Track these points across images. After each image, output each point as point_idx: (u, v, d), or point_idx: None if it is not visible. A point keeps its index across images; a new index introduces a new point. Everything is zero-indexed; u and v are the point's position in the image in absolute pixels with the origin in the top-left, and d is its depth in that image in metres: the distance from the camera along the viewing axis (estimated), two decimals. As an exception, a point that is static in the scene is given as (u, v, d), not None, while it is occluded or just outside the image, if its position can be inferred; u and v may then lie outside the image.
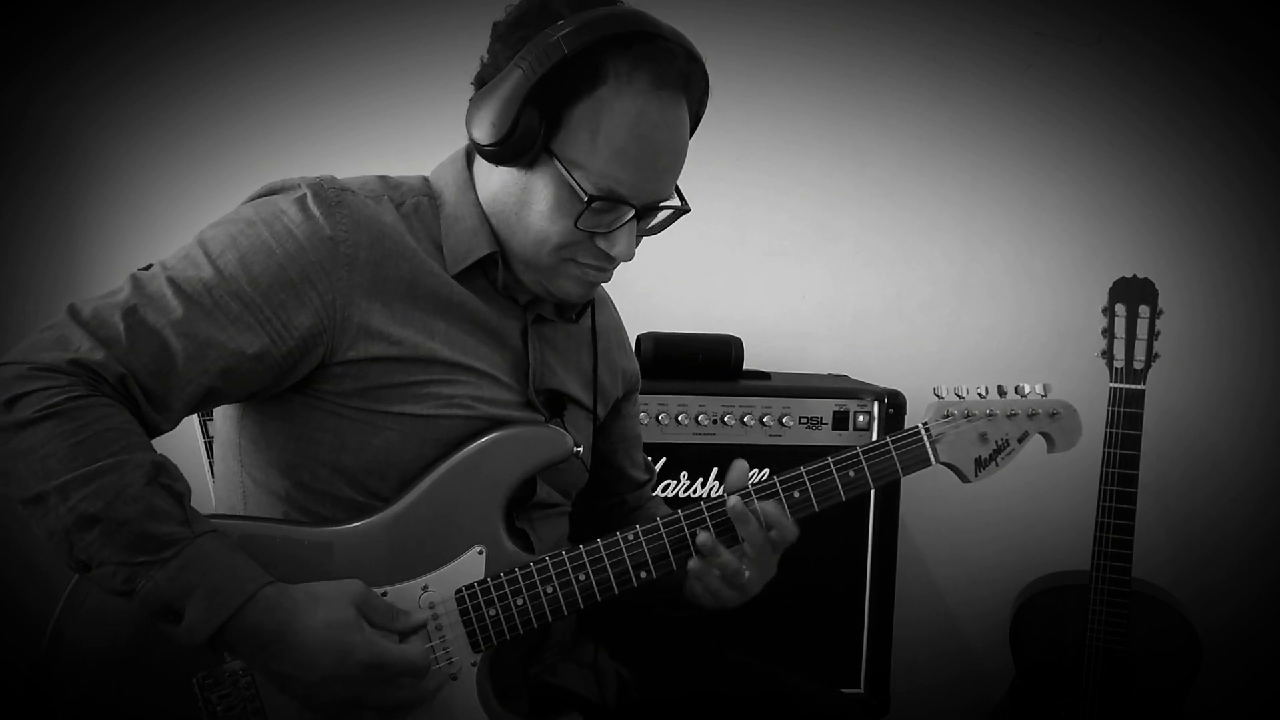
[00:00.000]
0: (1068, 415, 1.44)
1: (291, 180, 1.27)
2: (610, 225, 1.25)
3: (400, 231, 1.27)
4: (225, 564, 1.12)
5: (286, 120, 2.39)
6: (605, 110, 1.20)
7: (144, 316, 1.15)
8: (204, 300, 1.17)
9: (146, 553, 1.09)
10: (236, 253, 1.20)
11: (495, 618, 1.25)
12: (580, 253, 1.27)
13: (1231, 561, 2.60)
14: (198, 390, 1.18)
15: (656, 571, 1.29)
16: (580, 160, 1.21)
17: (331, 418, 1.25)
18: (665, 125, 1.22)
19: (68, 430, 1.09)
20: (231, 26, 2.37)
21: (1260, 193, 2.55)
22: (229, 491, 1.34)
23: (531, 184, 1.25)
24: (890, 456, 1.37)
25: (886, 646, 2.12)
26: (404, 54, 2.41)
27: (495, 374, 1.32)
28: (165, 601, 1.10)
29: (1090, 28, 2.50)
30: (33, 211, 2.34)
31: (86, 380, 1.12)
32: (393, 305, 1.25)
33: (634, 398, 1.60)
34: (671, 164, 1.26)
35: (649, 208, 1.27)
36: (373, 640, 1.15)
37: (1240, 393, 2.57)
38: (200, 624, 1.10)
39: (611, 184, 1.22)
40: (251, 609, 1.11)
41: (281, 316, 1.19)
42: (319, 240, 1.22)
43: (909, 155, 2.55)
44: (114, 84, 2.34)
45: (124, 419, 1.13)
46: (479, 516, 1.26)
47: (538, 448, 1.29)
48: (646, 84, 1.20)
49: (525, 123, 1.19)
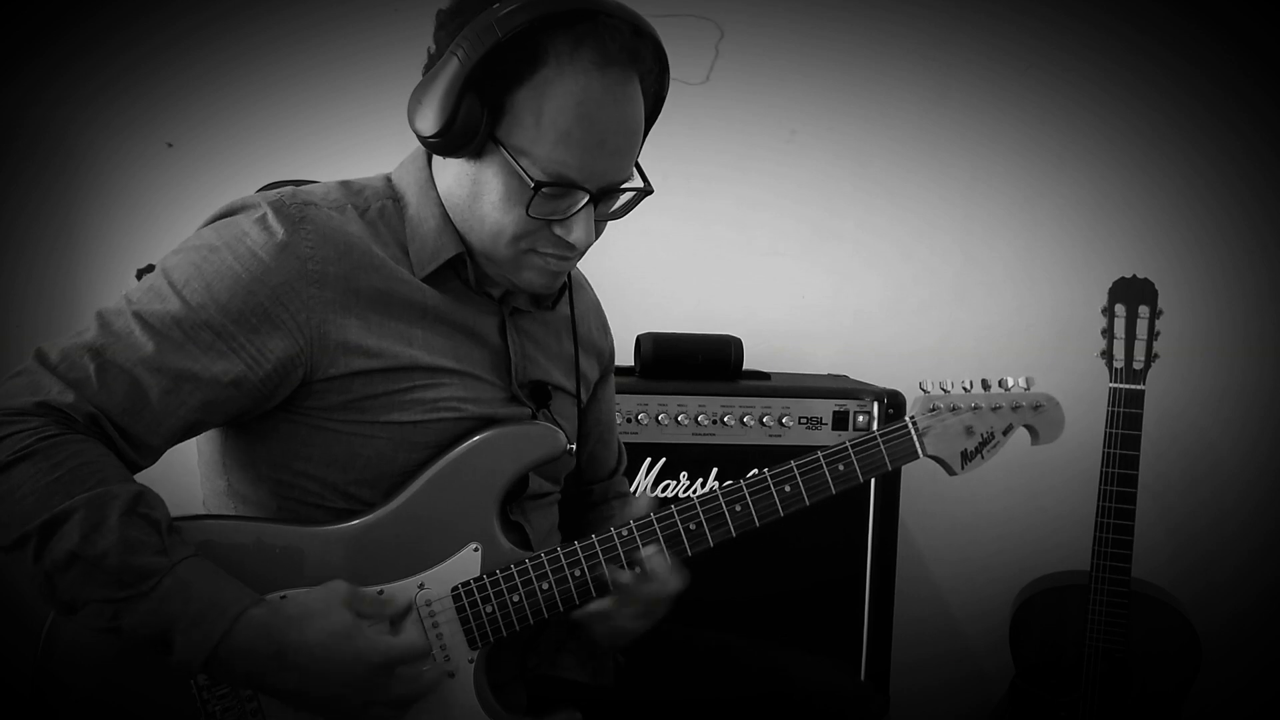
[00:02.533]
0: (1051, 407, 1.46)
1: (251, 198, 1.24)
2: (566, 212, 1.22)
3: (367, 241, 1.25)
4: (206, 590, 1.10)
5: (286, 120, 2.38)
6: (548, 92, 1.16)
7: (112, 357, 1.14)
8: (174, 334, 1.15)
9: (127, 586, 1.07)
10: (202, 281, 1.18)
11: (492, 614, 1.25)
12: (539, 242, 1.24)
13: (1232, 561, 2.60)
14: (178, 424, 1.16)
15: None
16: (525, 146, 1.18)
17: (318, 433, 1.24)
18: (612, 103, 1.18)
19: (42, 469, 1.07)
20: (231, 26, 2.37)
21: (1260, 192, 2.55)
22: (220, 509, 1.33)
23: (481, 175, 1.22)
24: (879, 450, 1.38)
25: (886, 646, 2.12)
26: (404, 54, 2.39)
27: (477, 373, 1.31)
28: (152, 633, 1.08)
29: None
30: (33, 211, 2.34)
31: (57, 420, 1.11)
32: (367, 317, 1.23)
33: (609, 379, 1.58)
34: (623, 144, 1.22)
35: (605, 191, 1.23)
36: (375, 640, 1.14)
37: (1240, 393, 2.57)
38: (190, 652, 1.08)
39: (559, 168, 1.18)
40: (241, 632, 1.10)
41: (255, 342, 1.17)
42: (285, 259, 1.19)
43: (909, 155, 2.55)
44: (114, 84, 2.34)
45: (98, 452, 1.11)
46: (473, 514, 1.26)
47: (531, 445, 1.29)
48: (589, 62, 1.16)
49: (466, 111, 1.16)
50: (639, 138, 1.25)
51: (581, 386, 1.46)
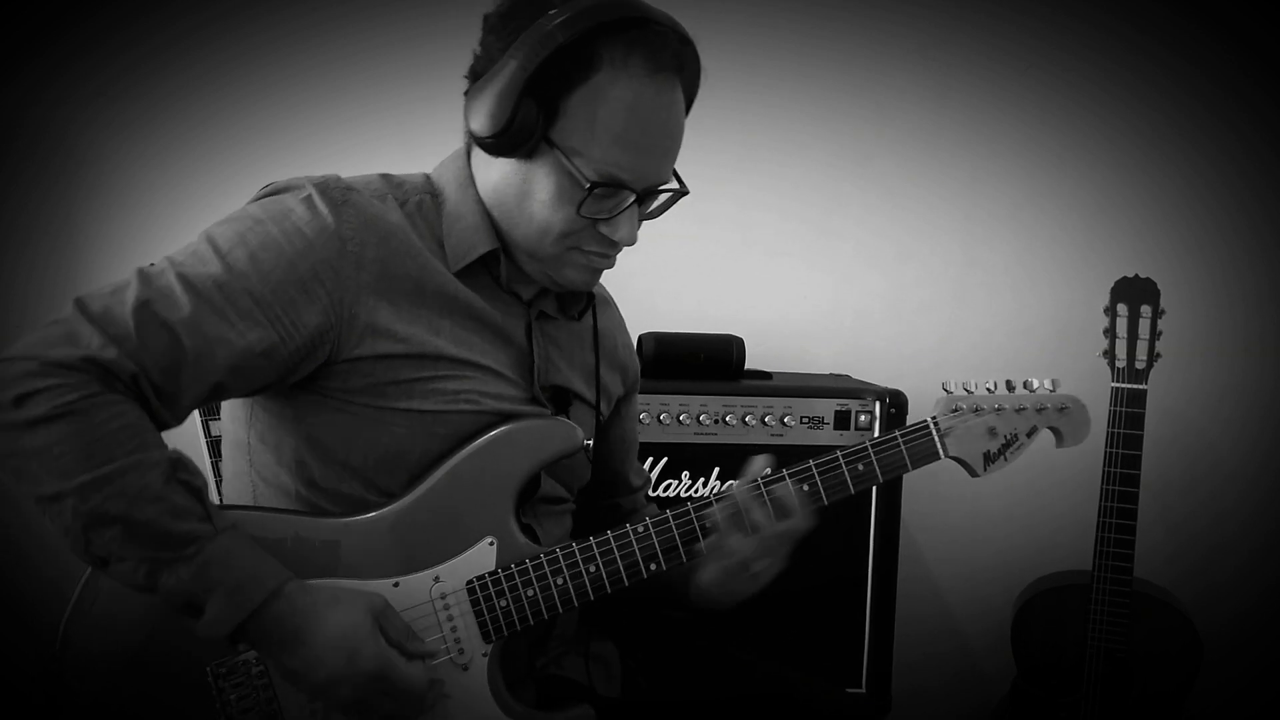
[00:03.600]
0: (1076, 410, 1.44)
1: (297, 180, 1.27)
2: (612, 211, 1.25)
3: (405, 230, 1.27)
4: (248, 561, 1.13)
5: (286, 120, 2.39)
6: (602, 97, 1.20)
7: (155, 313, 1.14)
8: (214, 297, 1.17)
9: (169, 549, 1.09)
10: (246, 249, 1.19)
11: (506, 608, 1.26)
12: (584, 240, 1.27)
13: (1233, 561, 2.60)
14: (204, 388, 1.17)
15: (666, 563, 1.30)
16: (580, 148, 1.22)
17: (340, 415, 1.25)
18: (662, 108, 1.23)
19: (83, 428, 1.08)
20: (231, 26, 2.37)
21: (1261, 192, 2.55)
22: (238, 492, 1.34)
23: (532, 174, 1.25)
24: (899, 450, 1.37)
25: (888, 646, 2.12)
26: (404, 54, 2.40)
27: (500, 370, 1.32)
28: (187, 598, 1.10)
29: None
30: (33, 212, 2.34)
31: (99, 377, 1.11)
32: (399, 303, 1.25)
33: (633, 398, 1.60)
34: (669, 146, 1.27)
35: (649, 191, 1.27)
36: (383, 651, 1.15)
37: (1241, 393, 2.57)
38: (222, 620, 1.11)
39: (613, 169, 1.22)
40: (273, 605, 1.12)
41: (291, 314, 1.19)
42: (327, 238, 1.22)
43: (910, 155, 2.55)
44: (114, 84, 2.34)
45: (137, 415, 1.12)
46: (490, 508, 1.27)
47: (549, 440, 1.30)
48: (641, 68, 1.20)
49: (523, 113, 1.20)
50: (680, 140, 1.29)
51: (602, 399, 1.47)
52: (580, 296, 1.43)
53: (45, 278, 2.33)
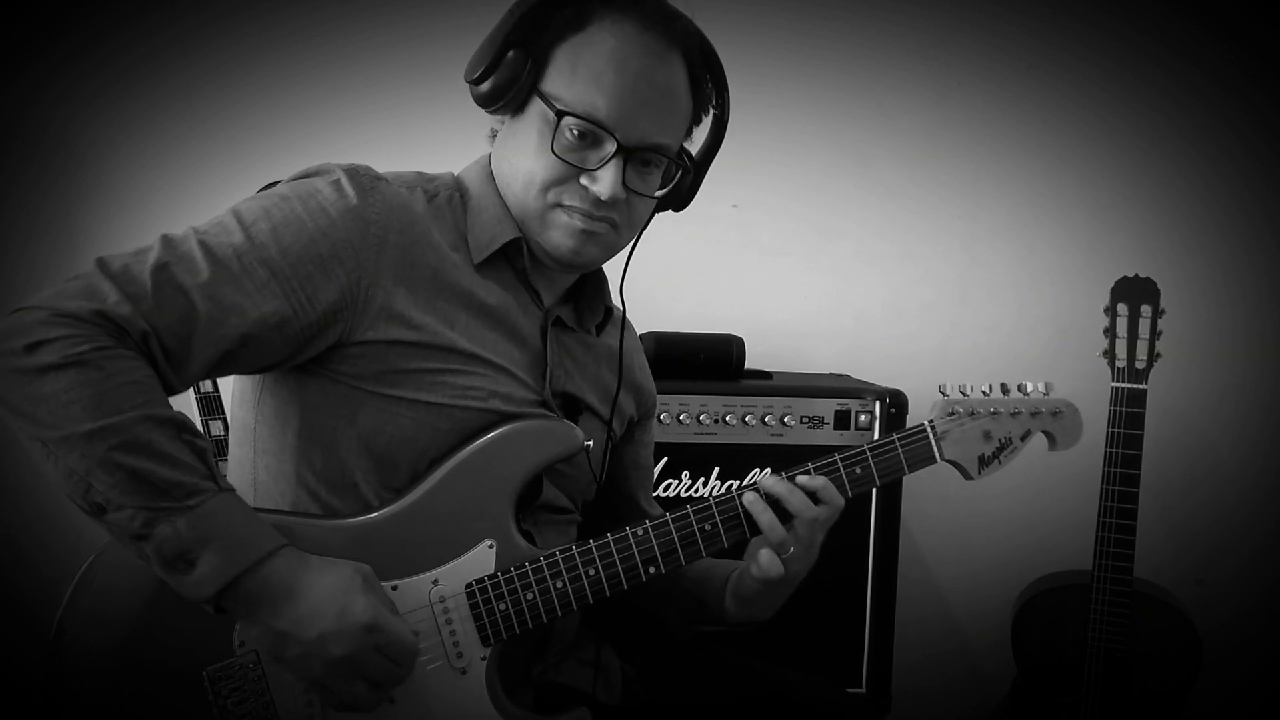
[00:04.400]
0: (1069, 414, 1.45)
1: (327, 165, 1.28)
2: (596, 163, 1.26)
3: (429, 221, 1.29)
4: (247, 520, 1.13)
5: (286, 120, 2.39)
6: (587, 43, 1.25)
7: (173, 275, 1.15)
8: (232, 265, 1.18)
9: (170, 499, 1.09)
10: (269, 223, 1.21)
11: (505, 612, 1.25)
12: (566, 193, 1.27)
13: (1233, 561, 2.60)
14: (215, 354, 1.17)
15: (665, 566, 1.30)
16: (560, 92, 1.25)
17: (346, 401, 1.25)
18: (645, 56, 1.25)
19: (92, 379, 1.08)
20: (231, 26, 2.37)
21: (1261, 192, 2.55)
22: (239, 480, 1.34)
23: (520, 127, 1.29)
24: (896, 453, 1.37)
25: (888, 646, 2.12)
26: (404, 54, 2.41)
27: (513, 369, 1.32)
28: (181, 548, 1.09)
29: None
30: (33, 212, 2.34)
31: (111, 332, 1.11)
32: (416, 291, 1.26)
33: (648, 424, 1.60)
34: (653, 98, 1.26)
35: (637, 148, 1.26)
36: (374, 604, 1.15)
37: (1242, 392, 2.57)
38: (213, 575, 1.09)
39: (588, 108, 1.24)
40: (267, 565, 1.11)
41: (307, 289, 1.20)
42: (351, 219, 1.23)
43: (910, 155, 2.55)
44: (114, 84, 2.35)
45: (146, 373, 1.12)
46: (489, 510, 1.26)
47: (549, 441, 1.29)
48: (632, 26, 1.25)
49: (511, 60, 1.25)
50: (677, 104, 1.30)
51: (616, 419, 1.47)
52: (599, 310, 1.43)
53: (45, 278, 2.31)
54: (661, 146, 1.28)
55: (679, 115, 1.30)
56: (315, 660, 1.13)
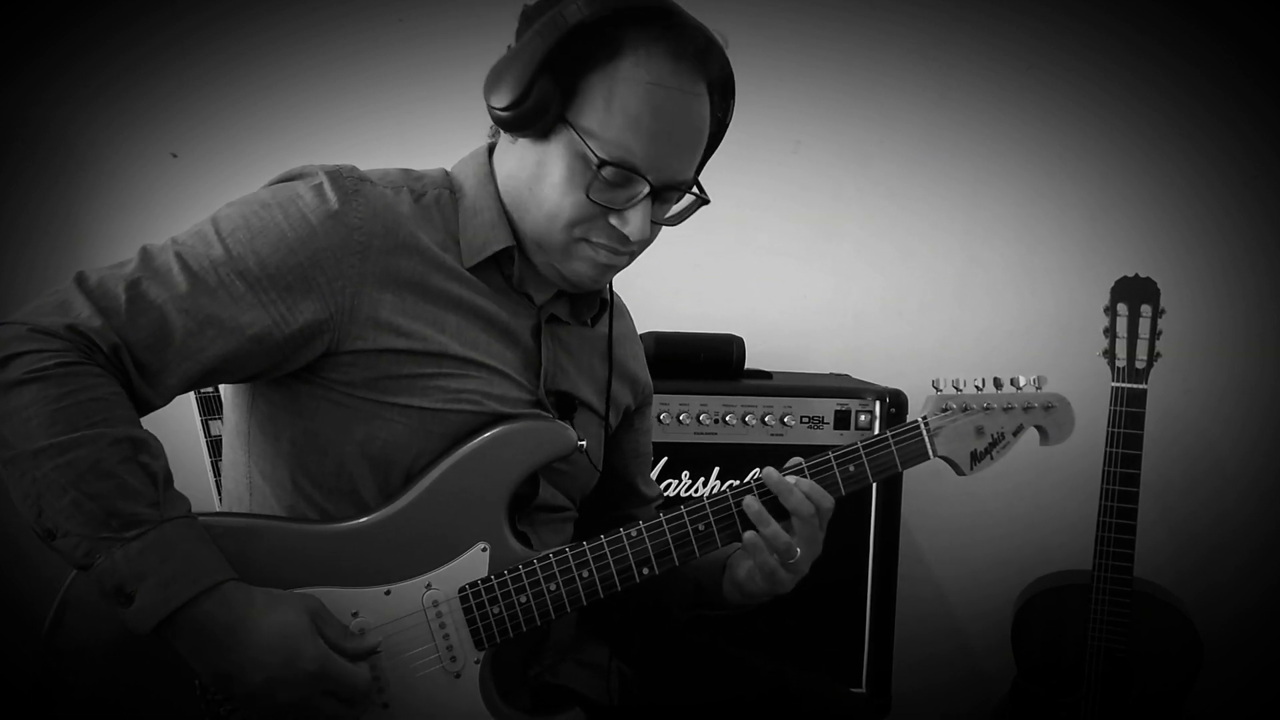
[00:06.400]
0: (1061, 408, 1.44)
1: (310, 168, 1.26)
2: (625, 203, 1.23)
3: (416, 222, 1.27)
4: (187, 553, 1.10)
5: (286, 120, 2.39)
6: (621, 78, 1.20)
7: (146, 290, 1.15)
8: (209, 278, 1.17)
9: (111, 529, 1.07)
10: (248, 233, 1.19)
11: (499, 615, 1.24)
12: (594, 231, 1.25)
13: (1233, 561, 2.60)
14: (195, 368, 1.17)
15: (659, 567, 1.29)
16: (594, 128, 1.21)
17: (339, 408, 1.24)
18: (682, 97, 1.22)
19: (52, 395, 1.07)
20: (232, 27, 2.37)
21: (1261, 192, 2.55)
22: (235, 483, 1.34)
23: (546, 156, 1.24)
24: (890, 451, 1.37)
25: (888, 646, 2.12)
26: (404, 54, 2.40)
27: (507, 371, 1.31)
28: (118, 582, 1.07)
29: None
30: (33, 212, 2.34)
31: (80, 347, 1.11)
32: (404, 297, 1.24)
33: (646, 411, 1.58)
34: (686, 141, 1.25)
35: (665, 187, 1.25)
36: (323, 650, 1.13)
37: (1241, 392, 2.57)
38: (148, 610, 1.07)
39: (624, 153, 1.20)
40: (205, 602, 1.09)
41: (286, 300, 1.19)
42: (333, 227, 1.21)
43: (910, 155, 2.55)
44: (114, 84, 2.34)
45: (111, 390, 1.11)
46: (482, 513, 1.26)
47: (540, 443, 1.28)
48: (664, 56, 1.20)
49: (541, 87, 1.19)
50: (703, 140, 1.28)
51: (611, 410, 1.46)
52: (594, 302, 1.42)
53: (45, 278, 2.32)
54: (687, 182, 1.27)
55: (702, 147, 1.29)
56: (262, 703, 1.12)
